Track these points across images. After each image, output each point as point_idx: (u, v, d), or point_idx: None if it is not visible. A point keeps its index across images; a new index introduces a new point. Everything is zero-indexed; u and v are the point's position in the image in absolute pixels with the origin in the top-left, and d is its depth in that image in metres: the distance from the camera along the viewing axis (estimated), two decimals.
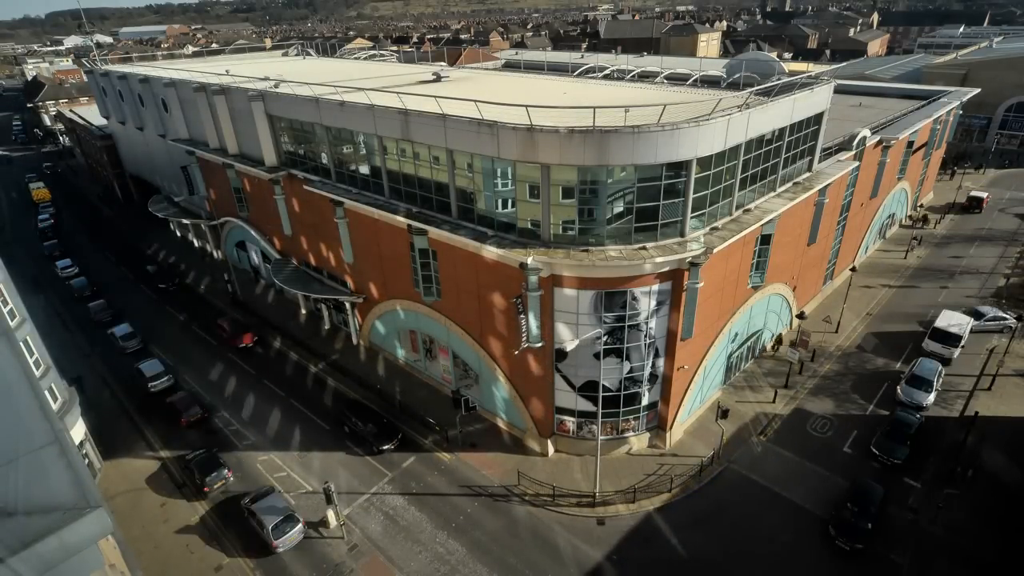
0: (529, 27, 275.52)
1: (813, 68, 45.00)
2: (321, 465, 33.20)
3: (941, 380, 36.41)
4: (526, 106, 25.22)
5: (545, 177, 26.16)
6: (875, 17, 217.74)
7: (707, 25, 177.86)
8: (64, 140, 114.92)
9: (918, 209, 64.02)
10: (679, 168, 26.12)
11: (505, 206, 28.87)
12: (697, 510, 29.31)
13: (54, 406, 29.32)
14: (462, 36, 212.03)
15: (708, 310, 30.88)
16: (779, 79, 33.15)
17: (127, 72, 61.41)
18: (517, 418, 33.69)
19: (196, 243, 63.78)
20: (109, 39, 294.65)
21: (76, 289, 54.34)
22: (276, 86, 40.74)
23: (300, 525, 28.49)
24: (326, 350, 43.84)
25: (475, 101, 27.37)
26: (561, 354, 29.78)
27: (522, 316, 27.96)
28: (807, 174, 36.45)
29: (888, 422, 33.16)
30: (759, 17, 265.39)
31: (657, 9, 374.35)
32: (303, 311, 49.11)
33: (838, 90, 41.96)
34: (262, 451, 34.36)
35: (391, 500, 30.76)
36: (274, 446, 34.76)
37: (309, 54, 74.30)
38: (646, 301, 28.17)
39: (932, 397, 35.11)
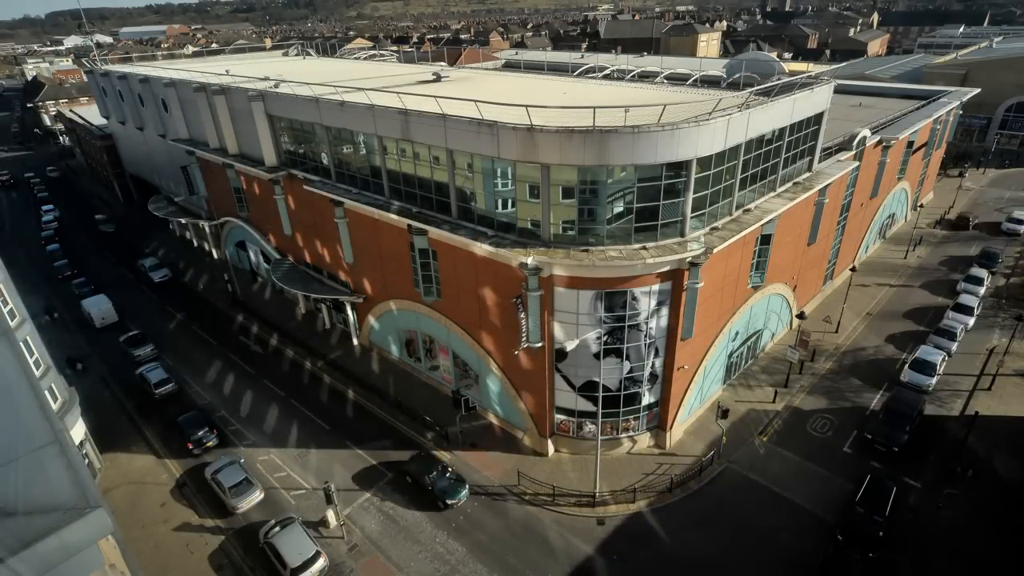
0: (529, 27, 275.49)
1: (813, 68, 45.01)
2: (321, 465, 33.20)
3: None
4: (526, 106, 25.22)
5: (545, 177, 26.16)
6: (875, 17, 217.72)
7: (707, 25, 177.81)
8: (64, 139, 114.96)
9: (919, 208, 64.03)
10: (679, 168, 26.12)
11: (505, 206, 28.87)
12: (697, 510, 29.32)
13: (54, 406, 29.33)
14: (462, 36, 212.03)
15: (708, 310, 30.89)
16: (779, 79, 33.16)
17: (127, 72, 61.41)
18: (517, 418, 33.69)
19: (196, 243, 63.80)
20: (109, 39, 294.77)
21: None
22: (276, 86, 40.73)
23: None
24: (326, 350, 43.84)
25: (475, 101, 27.37)
26: (561, 354, 29.78)
27: (522, 316, 27.96)
28: (807, 174, 36.44)
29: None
30: (759, 17, 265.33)
31: (657, 9, 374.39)
32: (303, 311, 49.12)
33: (838, 90, 41.94)
34: (262, 451, 34.37)
35: (391, 500, 30.75)
36: (274, 445, 34.77)
37: (309, 54, 74.27)
38: (646, 301, 28.17)
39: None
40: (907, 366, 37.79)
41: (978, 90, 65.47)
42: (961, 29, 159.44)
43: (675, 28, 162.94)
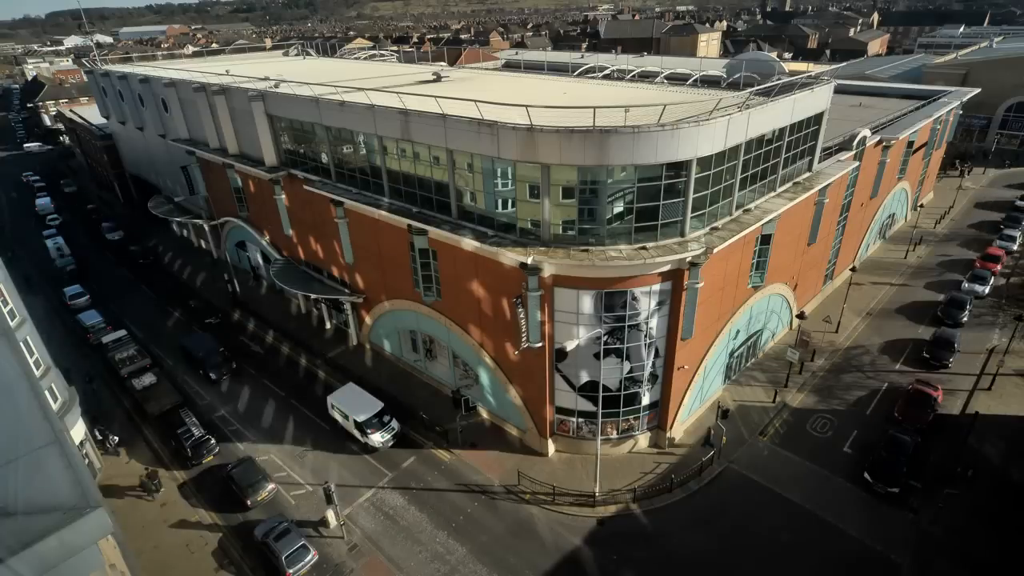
0: (529, 27, 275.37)
1: (813, 68, 44.87)
2: (321, 465, 33.21)
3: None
4: (526, 106, 25.22)
5: (545, 177, 26.16)
6: (875, 17, 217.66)
7: (707, 25, 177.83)
8: (64, 139, 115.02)
9: (919, 208, 64.04)
10: (679, 168, 26.12)
11: (505, 206, 28.87)
12: (697, 510, 29.33)
13: (54, 406, 29.32)
14: (462, 36, 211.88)
15: (708, 310, 30.89)
16: (779, 79, 33.12)
17: (127, 72, 61.40)
18: (517, 418, 33.69)
19: (195, 242, 63.78)
20: (109, 39, 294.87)
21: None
22: (276, 86, 40.73)
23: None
24: (326, 350, 43.84)
25: (475, 101, 27.36)
26: (561, 354, 29.78)
27: (522, 316, 27.96)
28: (807, 174, 36.44)
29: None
30: (759, 17, 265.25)
31: (657, 9, 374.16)
32: (303, 311, 49.11)
33: (838, 90, 41.91)
34: (262, 451, 34.37)
35: (391, 500, 30.77)
36: (274, 445, 34.77)
37: (309, 54, 74.27)
38: (646, 301, 28.17)
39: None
40: None
41: (978, 90, 65.43)
42: (961, 29, 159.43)
43: (675, 28, 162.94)
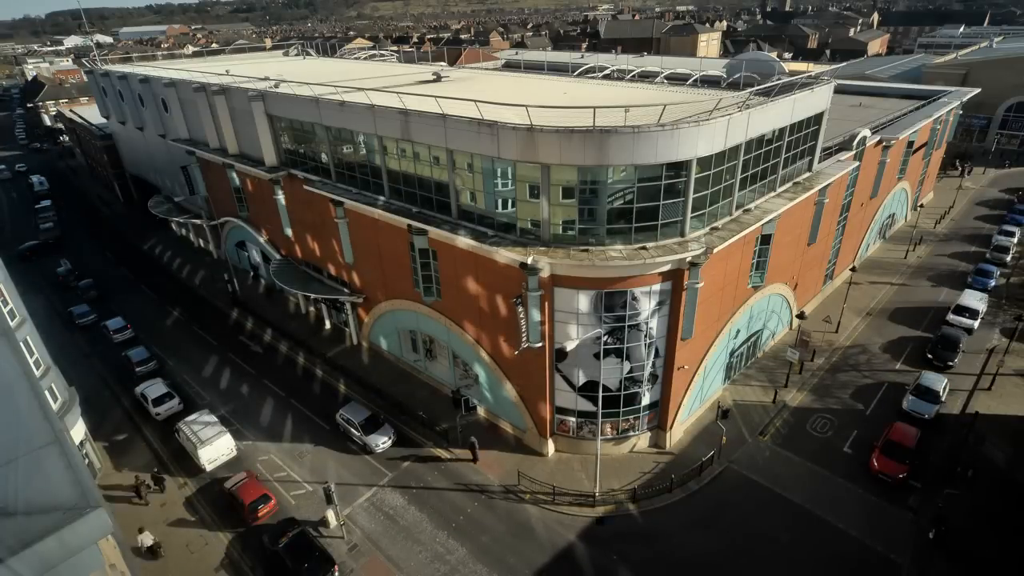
0: (529, 27, 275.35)
1: (813, 68, 44.87)
2: (321, 465, 33.20)
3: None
4: (526, 106, 25.23)
5: (545, 177, 26.16)
6: (875, 17, 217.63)
7: (707, 25, 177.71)
8: (64, 139, 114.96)
9: (919, 208, 64.03)
10: (679, 168, 26.12)
11: (505, 206, 28.87)
12: (697, 510, 29.32)
13: (54, 406, 29.32)
14: (462, 36, 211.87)
15: (708, 310, 30.89)
16: (779, 79, 33.12)
17: (127, 72, 61.40)
18: (517, 418, 33.69)
19: (194, 241, 63.78)
20: (109, 39, 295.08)
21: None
22: (276, 86, 40.72)
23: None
24: (326, 350, 43.82)
25: (475, 101, 27.36)
26: (561, 354, 29.78)
27: (522, 316, 27.96)
28: (807, 174, 36.44)
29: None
30: (759, 17, 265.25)
31: (657, 9, 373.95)
32: (303, 311, 49.11)
33: (838, 90, 41.93)
34: (262, 451, 34.37)
35: (391, 500, 30.77)
36: (274, 446, 34.77)
37: (309, 54, 74.29)
38: (646, 301, 28.17)
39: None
40: None
41: (978, 90, 65.44)
42: (961, 29, 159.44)
43: (675, 28, 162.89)
